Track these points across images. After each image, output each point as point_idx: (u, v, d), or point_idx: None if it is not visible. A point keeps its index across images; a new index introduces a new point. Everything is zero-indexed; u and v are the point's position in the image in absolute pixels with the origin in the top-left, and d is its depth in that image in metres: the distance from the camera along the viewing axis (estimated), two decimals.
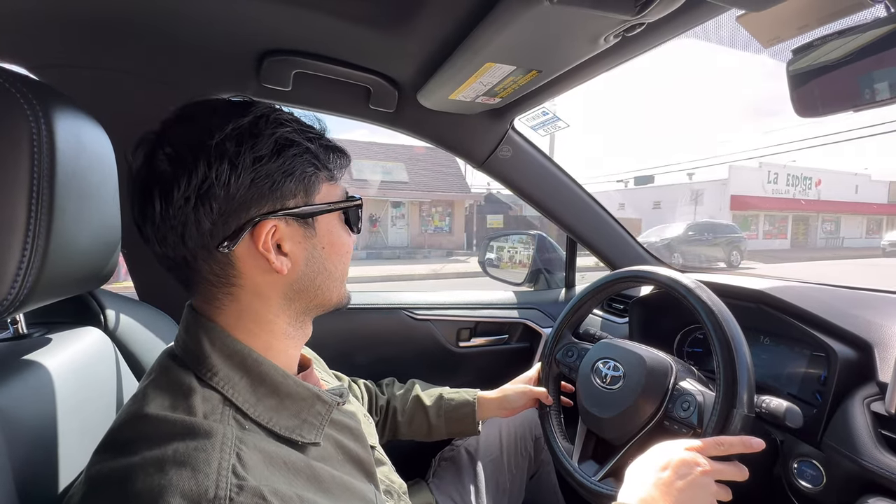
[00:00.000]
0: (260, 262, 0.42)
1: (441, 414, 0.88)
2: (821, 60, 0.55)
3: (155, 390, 0.40)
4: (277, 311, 0.45)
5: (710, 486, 0.56)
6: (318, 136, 0.46)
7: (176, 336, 0.45)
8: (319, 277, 0.47)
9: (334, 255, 0.48)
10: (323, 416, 0.45)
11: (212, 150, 0.39)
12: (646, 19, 0.54)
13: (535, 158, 1.12)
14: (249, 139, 0.40)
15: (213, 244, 0.41)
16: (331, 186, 0.47)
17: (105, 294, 0.68)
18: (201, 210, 0.39)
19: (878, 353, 0.67)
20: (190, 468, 0.33)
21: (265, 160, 0.40)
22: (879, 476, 0.57)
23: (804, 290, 0.83)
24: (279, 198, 0.42)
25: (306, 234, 0.45)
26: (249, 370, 0.42)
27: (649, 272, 0.79)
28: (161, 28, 0.70)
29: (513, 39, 0.60)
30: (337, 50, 0.79)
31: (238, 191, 0.40)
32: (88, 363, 0.56)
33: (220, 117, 0.41)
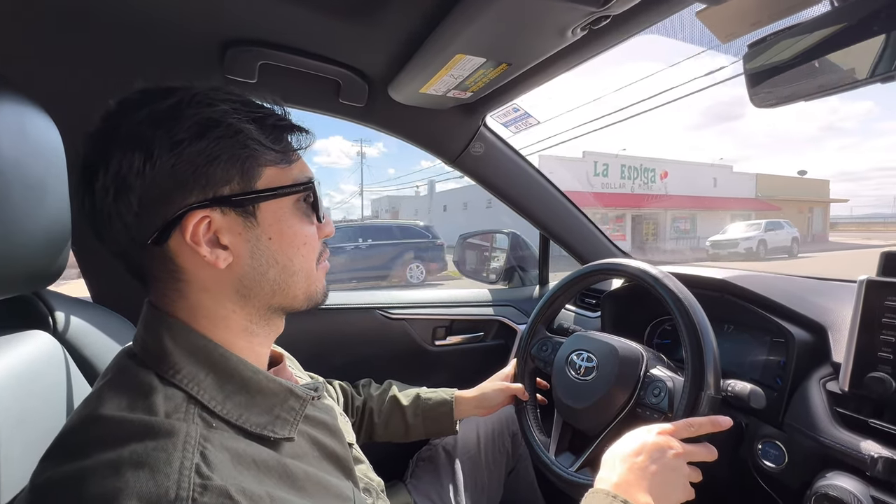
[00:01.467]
0: (198, 257, 0.39)
1: (418, 414, 0.87)
2: (773, 60, 0.58)
3: (111, 391, 0.37)
4: (233, 307, 0.42)
5: (682, 468, 0.57)
6: (264, 115, 0.41)
7: (135, 334, 0.42)
8: (272, 271, 0.42)
9: (287, 247, 0.43)
10: (297, 412, 0.42)
11: (124, 138, 0.36)
12: (610, 12, 0.56)
13: (506, 155, 1.13)
14: (167, 122, 0.37)
15: (143, 239, 0.38)
16: (281, 170, 0.42)
17: (53, 295, 0.63)
18: (121, 202, 0.37)
19: (831, 335, 0.70)
20: (148, 469, 0.30)
21: (184, 144, 0.37)
22: (837, 451, 0.60)
23: (765, 279, 0.87)
24: (208, 185, 0.38)
25: (247, 225, 0.41)
26: (216, 366, 0.39)
27: (620, 264, 0.81)
28: (118, 17, 0.67)
29: (482, 30, 0.61)
30: (304, 41, 0.77)
31: (156, 179, 0.36)
32: (34, 369, 0.52)
33: (139, 103, 0.38)
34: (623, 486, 0.53)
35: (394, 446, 0.96)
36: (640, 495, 0.52)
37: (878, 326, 0.61)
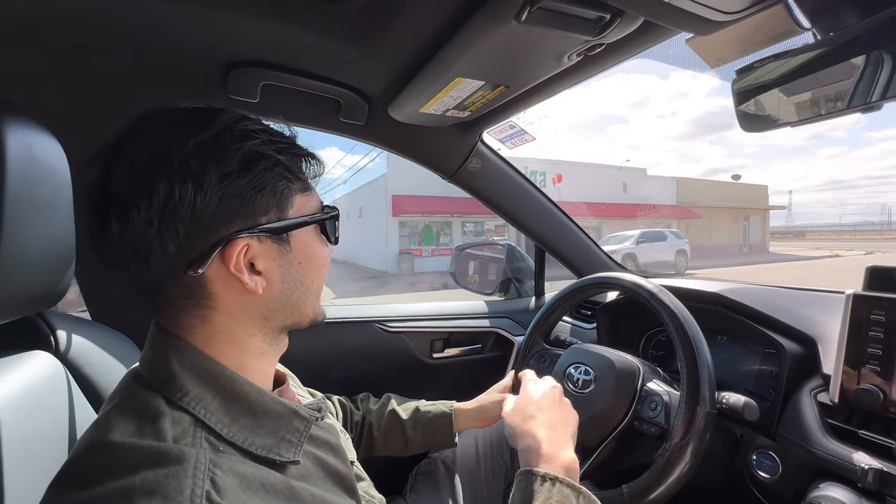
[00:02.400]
0: (233, 284, 0.40)
1: (417, 427, 0.87)
2: (761, 80, 0.60)
3: (119, 415, 0.37)
4: (252, 330, 0.43)
5: (559, 399, 0.64)
6: (288, 144, 0.43)
7: (141, 356, 0.43)
8: (296, 293, 0.45)
9: (311, 269, 0.46)
10: (301, 433, 0.43)
11: (174, 169, 0.36)
12: (605, 40, 0.58)
13: (503, 170, 1.15)
14: (214, 154, 0.37)
15: (181, 267, 0.38)
16: (305, 197, 0.45)
17: (55, 315, 0.63)
18: (165, 233, 0.36)
19: (821, 347, 0.72)
20: (160, 496, 0.31)
21: (233, 177, 0.38)
22: (828, 462, 0.61)
23: (756, 291, 0.89)
24: (250, 215, 0.39)
25: (281, 251, 0.42)
26: (222, 388, 0.40)
27: (615, 278, 0.83)
28: (122, 38, 0.68)
29: (481, 56, 0.63)
30: (306, 62, 0.78)
31: (205, 210, 0.37)
32: (37, 390, 0.52)
33: (180, 130, 0.38)
34: (547, 459, 0.55)
35: (393, 460, 0.96)
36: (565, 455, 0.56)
37: (865, 339, 0.63)
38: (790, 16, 0.52)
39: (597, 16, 0.53)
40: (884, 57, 0.46)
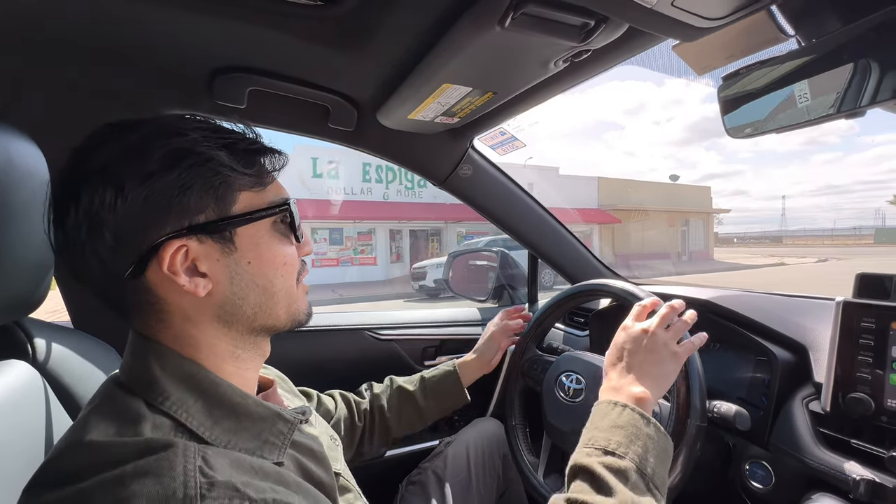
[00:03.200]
0: (176, 286, 0.39)
1: (427, 394, 0.87)
2: (747, 88, 0.61)
3: (98, 417, 0.36)
4: (216, 334, 0.42)
5: (664, 348, 0.60)
6: (234, 140, 0.42)
7: (122, 362, 0.42)
8: (253, 295, 0.42)
9: (267, 269, 0.43)
10: (285, 436, 0.42)
11: (93, 174, 0.36)
12: (590, 46, 0.58)
13: (494, 177, 1.14)
14: (137, 155, 0.37)
15: (120, 272, 0.38)
16: (256, 193, 0.42)
17: (32, 322, 0.62)
18: (94, 238, 0.36)
19: (812, 355, 0.71)
20: (153, 476, 0.31)
21: (156, 176, 0.37)
22: (820, 472, 0.60)
23: (746, 298, 0.89)
24: (183, 214, 0.38)
25: (224, 250, 0.41)
26: (205, 392, 0.39)
27: (607, 285, 0.82)
28: (105, 43, 0.68)
29: (468, 62, 0.62)
30: (293, 68, 0.78)
31: (129, 213, 0.36)
32: (12, 400, 0.51)
33: (110, 137, 0.38)
34: (617, 391, 0.57)
35: (383, 471, 0.94)
36: (634, 389, 0.56)
37: (856, 347, 0.62)
38: (774, 23, 0.52)
39: (581, 22, 0.53)
40: (869, 63, 0.46)
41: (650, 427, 0.52)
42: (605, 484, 0.46)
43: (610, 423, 0.52)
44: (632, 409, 0.52)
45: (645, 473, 0.48)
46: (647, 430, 0.51)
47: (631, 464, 0.48)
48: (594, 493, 0.46)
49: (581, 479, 0.49)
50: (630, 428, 0.51)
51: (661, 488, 0.49)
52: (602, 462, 0.48)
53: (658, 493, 0.48)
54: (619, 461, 0.48)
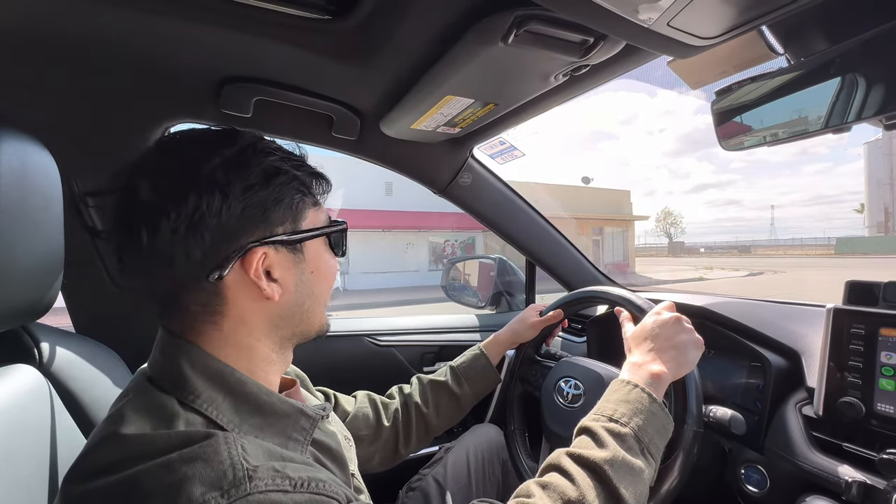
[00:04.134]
0: (249, 290, 0.42)
1: (461, 381, 0.88)
2: (740, 101, 0.63)
3: (134, 413, 0.38)
4: (261, 337, 0.45)
5: (693, 336, 0.65)
6: (302, 163, 0.47)
7: (150, 359, 0.43)
8: (308, 302, 0.47)
9: (321, 279, 0.48)
10: (308, 431, 0.45)
11: (202, 181, 0.39)
12: (590, 62, 0.60)
13: (493, 185, 1.16)
14: (238, 168, 0.41)
15: (203, 274, 0.40)
16: (316, 212, 0.48)
17: (39, 327, 0.62)
18: (192, 240, 0.39)
19: (805, 360, 0.73)
20: (202, 461, 0.33)
21: (255, 189, 0.41)
22: (814, 475, 0.62)
23: (741, 305, 0.90)
24: (269, 225, 0.42)
25: (295, 260, 0.45)
26: (232, 390, 0.41)
27: (605, 292, 0.84)
28: (116, 52, 0.69)
29: (471, 75, 0.64)
30: (300, 79, 0.80)
31: (230, 220, 0.40)
32: (19, 405, 0.51)
33: (206, 147, 0.41)
34: (638, 367, 0.61)
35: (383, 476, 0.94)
36: (653, 367, 0.60)
37: (846, 353, 0.64)
38: (764, 42, 0.55)
39: (581, 39, 0.55)
40: (854, 81, 0.48)
41: (655, 405, 0.56)
42: (602, 442, 0.52)
43: (619, 397, 0.57)
44: (641, 389, 0.57)
45: (641, 441, 0.53)
46: (652, 407, 0.56)
47: (630, 431, 0.53)
48: (592, 448, 0.52)
49: (584, 436, 0.54)
50: (636, 403, 0.55)
51: (654, 455, 0.54)
52: (605, 426, 0.54)
53: (651, 458, 0.53)
54: (620, 427, 0.53)
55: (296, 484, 0.35)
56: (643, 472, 0.51)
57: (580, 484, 0.48)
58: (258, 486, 0.33)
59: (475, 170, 1.12)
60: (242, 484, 0.32)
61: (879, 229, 40.27)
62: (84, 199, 0.79)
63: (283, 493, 0.33)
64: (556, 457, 0.53)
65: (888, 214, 39.22)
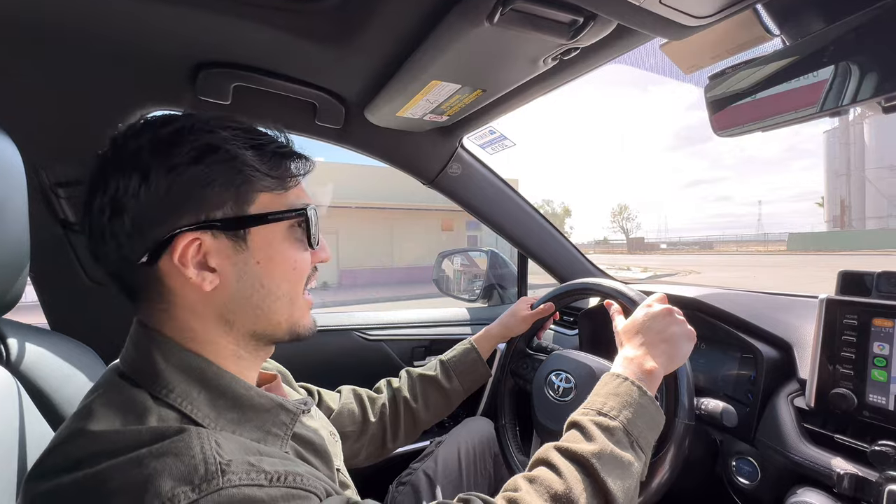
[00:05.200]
0: (186, 278, 0.40)
1: (451, 375, 0.86)
2: (734, 88, 0.61)
3: (103, 408, 0.36)
4: (218, 331, 0.42)
5: (685, 328, 0.64)
6: (264, 141, 0.42)
7: (122, 353, 0.42)
8: (256, 296, 0.42)
9: (274, 272, 0.43)
10: (288, 426, 0.43)
11: (123, 162, 0.38)
12: (579, 44, 0.58)
13: (484, 176, 1.14)
14: (166, 147, 0.38)
15: (133, 258, 0.39)
16: (276, 196, 0.43)
17: (6, 323, 0.60)
18: (115, 222, 0.38)
19: (797, 351, 0.72)
20: (172, 455, 0.31)
21: (181, 168, 0.38)
22: (805, 467, 0.61)
23: (733, 297, 0.90)
24: (201, 209, 0.39)
25: (236, 248, 0.41)
26: (209, 384, 0.40)
27: (597, 284, 0.82)
28: (86, 36, 0.66)
29: (456, 58, 0.62)
30: (279, 64, 0.77)
31: (150, 201, 0.38)
32: None
33: (141, 129, 0.40)
34: (630, 361, 0.60)
35: (373, 471, 0.93)
36: (645, 362, 0.59)
37: (839, 343, 0.63)
38: (759, 22, 0.53)
39: (570, 19, 0.53)
40: (851, 63, 0.47)
41: (645, 398, 0.55)
42: (590, 436, 0.51)
43: (609, 391, 0.56)
44: (631, 382, 0.56)
45: (631, 434, 0.52)
46: (642, 400, 0.55)
47: (619, 425, 0.52)
48: (580, 442, 0.51)
49: (573, 430, 0.53)
50: (625, 397, 0.55)
51: (644, 449, 0.53)
52: (593, 420, 0.53)
53: (641, 452, 0.52)
54: (609, 421, 0.52)
55: (272, 478, 0.34)
56: (632, 465, 0.50)
57: (567, 477, 0.47)
58: (231, 481, 0.32)
59: (465, 160, 1.09)
60: (215, 478, 0.31)
61: (836, 224, 38.54)
62: (55, 191, 0.76)
63: (257, 488, 0.33)
64: (545, 451, 0.52)
65: (844, 208, 37.13)
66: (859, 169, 34.17)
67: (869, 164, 33.56)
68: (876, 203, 34.52)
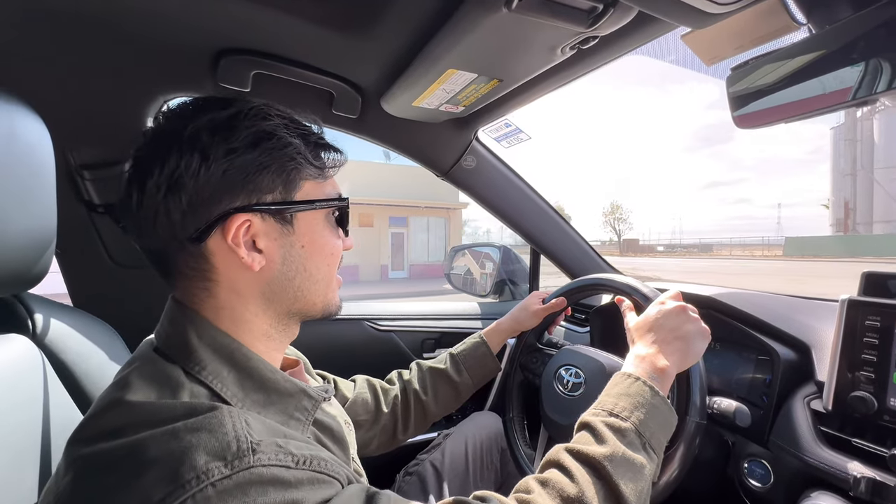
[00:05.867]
0: (233, 258, 0.42)
1: (461, 369, 0.87)
2: (758, 82, 0.59)
3: (140, 380, 0.38)
4: (256, 310, 0.44)
5: (699, 326, 0.62)
6: (308, 132, 0.45)
7: (157, 328, 0.44)
8: (298, 278, 0.45)
9: (316, 256, 0.46)
10: (309, 412, 0.45)
11: (184, 141, 0.39)
12: (598, 32, 0.57)
13: (498, 169, 1.14)
14: (225, 131, 0.40)
15: (184, 236, 0.40)
16: (317, 184, 0.46)
17: (34, 299, 0.62)
18: (171, 200, 0.39)
19: (815, 353, 0.71)
20: (206, 431, 0.33)
21: (239, 152, 0.40)
22: (821, 471, 0.59)
23: (751, 297, 0.88)
24: (254, 192, 0.41)
25: (283, 231, 0.44)
26: (237, 364, 0.41)
27: (610, 280, 0.81)
28: (110, 21, 0.67)
29: (473, 46, 0.62)
30: (298, 52, 0.78)
31: (208, 182, 0.39)
32: (11, 374, 0.51)
33: (197, 110, 0.41)
34: (641, 359, 0.59)
35: (380, 461, 0.93)
36: (657, 360, 0.58)
37: (860, 346, 0.61)
38: (786, 11, 0.51)
39: (589, 6, 0.53)
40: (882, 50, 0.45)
41: (657, 399, 0.54)
42: (602, 437, 0.50)
43: (620, 391, 0.55)
44: (643, 382, 0.55)
45: (643, 435, 0.51)
46: (654, 401, 0.53)
47: (631, 426, 0.51)
48: (591, 444, 0.50)
49: (584, 431, 0.52)
50: (637, 397, 0.53)
51: (656, 450, 0.52)
52: (605, 421, 0.52)
53: (653, 453, 0.51)
54: (620, 422, 0.51)
55: (298, 461, 0.35)
56: (644, 467, 0.49)
57: (579, 480, 0.46)
58: (261, 460, 0.33)
59: (480, 153, 1.09)
60: (246, 456, 0.32)
61: (839, 227, 35.66)
62: (80, 172, 0.78)
63: (285, 469, 0.34)
64: (556, 452, 0.51)
65: (848, 211, 33.94)
66: (867, 169, 31.73)
67: (878, 163, 31.08)
68: (885, 206, 32.09)
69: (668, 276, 18.03)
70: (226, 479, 0.31)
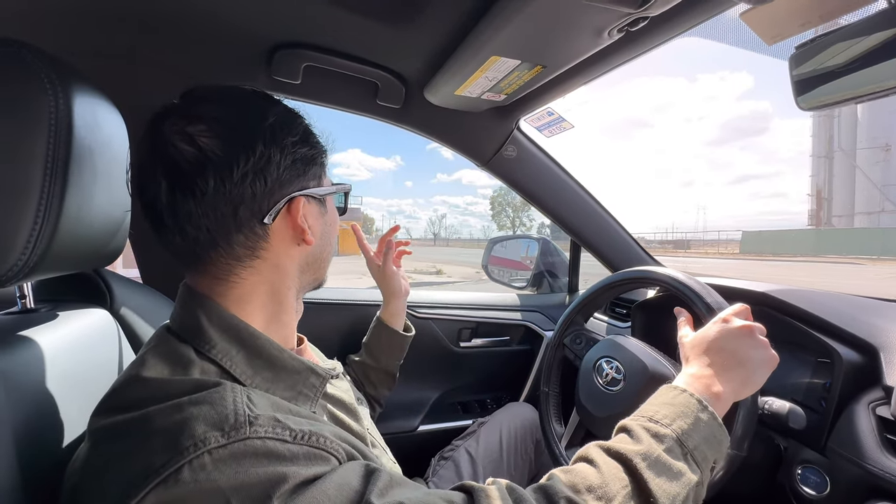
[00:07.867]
0: (287, 236, 0.47)
1: (373, 354, 0.94)
2: (826, 64, 0.55)
3: (155, 358, 0.41)
4: (290, 283, 0.49)
5: (766, 353, 0.55)
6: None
7: (171, 313, 0.47)
8: (325, 251, 0.53)
9: (333, 231, 0.54)
10: (317, 388, 0.47)
11: (266, 132, 0.43)
12: (648, 13, 0.55)
13: (539, 159, 1.12)
14: (288, 125, 0.46)
15: (259, 217, 0.44)
16: (324, 173, 0.53)
17: (112, 276, 0.69)
18: (257, 185, 0.43)
19: (884, 357, 0.65)
20: (207, 404, 0.35)
21: (299, 145, 0.46)
22: (885, 481, 0.55)
23: (808, 294, 0.82)
24: (306, 178, 0.47)
25: (321, 212, 0.51)
26: (245, 343, 0.44)
27: (671, 278, 0.76)
28: (174, 18, 0.72)
29: (517, 32, 0.61)
30: (346, 44, 0.80)
31: (283, 169, 0.45)
32: (92, 341, 0.57)
33: (263, 102, 0.46)
34: (695, 379, 0.54)
35: (417, 444, 0.96)
36: (712, 385, 0.52)
37: None
38: None
39: None
40: None
41: (705, 413, 0.49)
42: (638, 438, 0.47)
43: (664, 401, 0.52)
44: (690, 394, 0.51)
45: (685, 445, 0.47)
46: (701, 414, 0.49)
47: (671, 433, 0.47)
48: (626, 443, 0.47)
49: (621, 434, 0.50)
50: (681, 407, 0.50)
51: (700, 464, 0.47)
52: (643, 425, 0.49)
53: (696, 465, 0.46)
54: (660, 428, 0.48)
55: (295, 435, 0.36)
56: (683, 475, 0.45)
57: (605, 472, 0.44)
58: (257, 432, 0.34)
59: (521, 142, 1.08)
60: (243, 427, 0.34)
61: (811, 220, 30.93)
62: None
63: (280, 442, 0.35)
64: (587, 449, 0.49)
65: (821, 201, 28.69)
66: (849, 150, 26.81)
67: (861, 143, 26.47)
68: (867, 195, 27.13)
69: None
70: (221, 448, 0.33)
